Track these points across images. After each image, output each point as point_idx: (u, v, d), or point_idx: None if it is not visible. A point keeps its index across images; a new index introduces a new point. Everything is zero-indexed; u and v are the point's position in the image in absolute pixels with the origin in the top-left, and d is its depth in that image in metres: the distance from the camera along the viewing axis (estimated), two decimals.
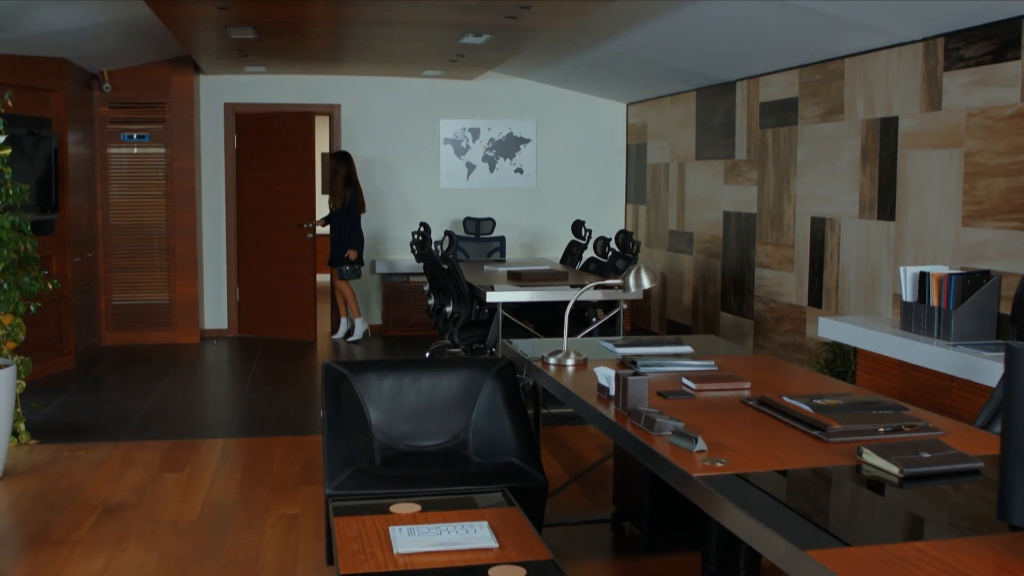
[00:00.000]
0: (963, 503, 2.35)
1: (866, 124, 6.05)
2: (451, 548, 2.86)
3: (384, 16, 6.26)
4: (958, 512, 2.31)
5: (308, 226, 9.59)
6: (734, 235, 7.93)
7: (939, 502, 2.33)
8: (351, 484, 3.61)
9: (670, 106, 9.21)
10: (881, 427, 2.81)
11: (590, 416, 3.33)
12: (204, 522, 4.51)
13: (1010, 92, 4.83)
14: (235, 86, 9.63)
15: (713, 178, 8.29)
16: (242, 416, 6.58)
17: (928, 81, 5.44)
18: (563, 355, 3.92)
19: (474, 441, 4.14)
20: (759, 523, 2.11)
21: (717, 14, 6.01)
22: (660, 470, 2.67)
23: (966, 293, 4.82)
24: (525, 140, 10.28)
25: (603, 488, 5.00)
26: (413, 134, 10.05)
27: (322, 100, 9.82)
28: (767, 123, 7.33)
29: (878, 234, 5.95)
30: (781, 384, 3.58)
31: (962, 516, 2.29)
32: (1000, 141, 4.91)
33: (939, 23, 5.20)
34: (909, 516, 2.27)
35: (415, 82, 9.94)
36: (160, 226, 9.31)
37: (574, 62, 8.59)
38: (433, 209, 10.04)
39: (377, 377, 4.20)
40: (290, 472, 5.27)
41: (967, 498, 2.38)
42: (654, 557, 4.08)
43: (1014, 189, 4.82)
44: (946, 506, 2.32)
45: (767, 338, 7.36)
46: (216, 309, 9.83)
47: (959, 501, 2.35)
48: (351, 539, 2.98)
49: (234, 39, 6.97)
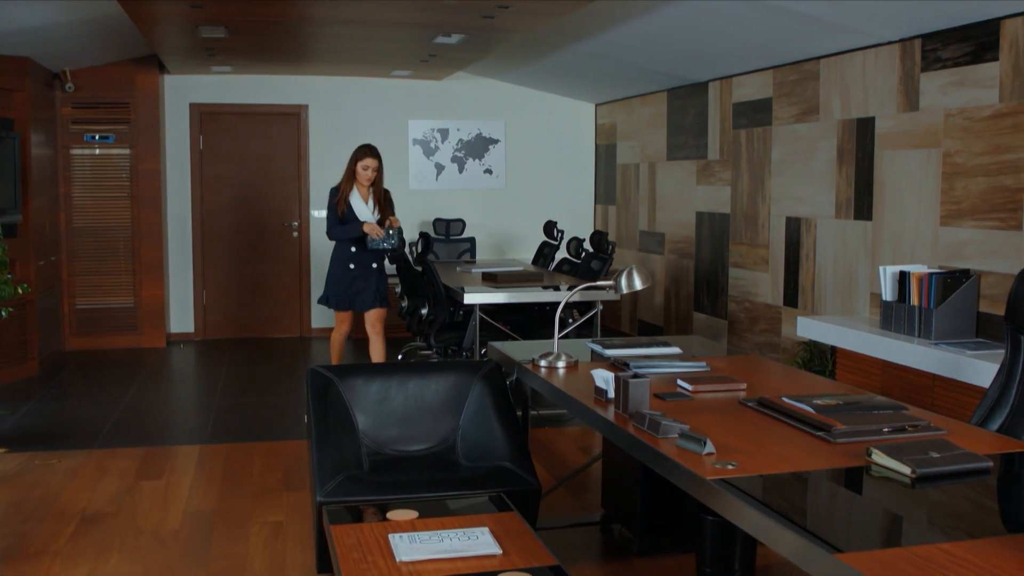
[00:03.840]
0: (979, 503, 2.36)
1: (842, 124, 6.08)
2: (455, 555, 2.82)
3: (361, 16, 6.19)
4: (975, 512, 2.31)
5: (293, 225, 9.70)
6: (707, 235, 7.95)
7: (955, 502, 2.33)
8: (343, 491, 3.56)
9: (640, 106, 9.22)
10: (885, 427, 2.81)
11: (588, 418, 3.30)
12: (187, 530, 4.42)
13: (988, 93, 4.88)
14: (201, 86, 9.49)
15: (685, 178, 8.30)
16: (217, 421, 6.48)
17: (905, 82, 5.48)
18: (554, 357, 3.90)
19: (463, 445, 4.10)
20: (783, 527, 2.09)
21: (690, 15, 6.02)
22: (668, 473, 2.65)
23: (946, 292, 4.86)
24: (494, 141, 10.25)
25: (588, 490, 4.98)
26: (381, 135, 9.94)
27: (289, 100, 9.72)
28: (741, 123, 7.35)
29: (855, 234, 5.99)
30: (776, 384, 3.58)
31: (981, 516, 2.29)
32: (979, 141, 4.95)
33: (916, 24, 5.24)
34: (928, 517, 2.27)
35: (384, 82, 9.86)
36: (125, 228, 9.16)
37: (544, 63, 8.57)
38: (402, 210, 9.91)
39: (364, 381, 4.15)
40: (271, 478, 5.19)
41: (982, 497, 2.38)
42: (647, 560, 4.06)
43: (993, 189, 4.87)
44: (962, 506, 2.32)
45: (742, 338, 7.38)
46: (182, 312, 9.69)
47: (975, 501, 2.35)
48: (351, 547, 2.92)
49: (204, 38, 6.86)
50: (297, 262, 9.90)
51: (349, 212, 6.59)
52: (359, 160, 6.58)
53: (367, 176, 6.58)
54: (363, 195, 6.63)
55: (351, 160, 6.63)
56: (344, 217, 6.61)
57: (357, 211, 6.58)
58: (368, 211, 6.61)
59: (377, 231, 6.52)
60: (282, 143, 9.80)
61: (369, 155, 6.58)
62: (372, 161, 6.57)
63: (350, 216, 6.61)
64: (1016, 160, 4.71)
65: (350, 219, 6.61)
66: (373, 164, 6.57)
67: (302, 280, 9.90)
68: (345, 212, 6.60)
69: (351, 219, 6.60)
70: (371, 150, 6.60)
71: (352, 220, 6.59)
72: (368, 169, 6.57)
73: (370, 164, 6.57)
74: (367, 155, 6.58)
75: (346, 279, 6.68)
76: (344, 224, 6.61)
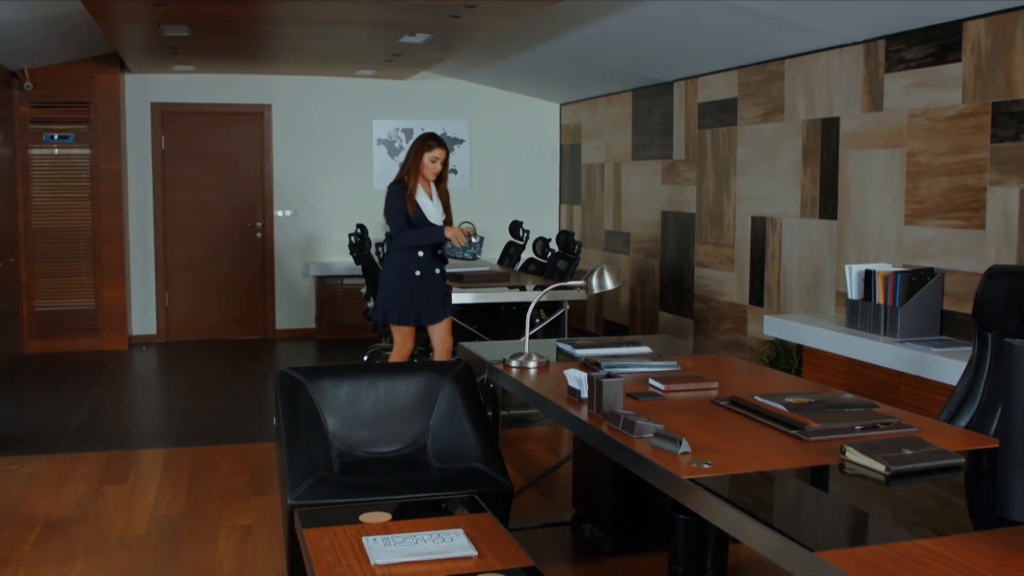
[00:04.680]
0: (953, 499, 2.38)
1: (807, 124, 6.13)
2: (430, 557, 2.80)
3: (326, 15, 6.15)
4: (950, 508, 2.33)
5: (257, 225, 9.66)
6: (673, 235, 7.98)
7: (929, 499, 2.35)
8: (313, 493, 3.53)
9: (605, 106, 9.24)
10: (857, 425, 2.83)
11: (561, 419, 3.30)
12: (154, 536, 4.37)
13: (951, 94, 4.93)
14: (163, 85, 9.39)
15: (650, 178, 8.33)
16: (182, 424, 6.41)
17: (869, 82, 5.53)
18: (525, 357, 3.89)
19: (434, 446, 4.08)
20: (762, 525, 2.10)
21: (656, 15, 6.04)
22: (644, 472, 2.65)
23: (911, 290, 4.91)
24: (459, 140, 10.22)
25: (558, 490, 4.98)
26: (345, 135, 9.92)
27: (253, 100, 9.64)
28: (706, 123, 7.39)
29: (820, 233, 6.04)
30: (746, 383, 3.60)
31: (955, 512, 2.31)
32: (942, 141, 5.01)
33: (880, 25, 5.29)
34: (903, 514, 2.29)
35: (348, 82, 9.81)
36: (85, 229, 9.03)
37: (509, 62, 8.57)
38: (367, 210, 9.90)
39: (333, 383, 4.12)
40: (238, 482, 5.14)
41: (955, 494, 2.40)
42: (619, 559, 4.06)
43: (956, 188, 4.93)
44: (937, 503, 2.34)
45: (708, 337, 7.42)
46: (144, 314, 9.57)
47: (948, 497, 2.38)
48: (324, 551, 2.90)
49: (166, 37, 6.78)
50: (261, 263, 9.82)
51: (417, 213, 5.73)
52: (427, 151, 5.70)
53: (434, 170, 5.73)
54: (427, 192, 5.78)
55: (415, 151, 5.75)
56: (413, 219, 5.72)
57: (426, 212, 5.73)
58: (437, 212, 5.80)
59: (460, 237, 5.75)
60: (245, 143, 9.72)
61: (439, 145, 5.73)
62: (442, 152, 5.73)
63: (419, 218, 5.73)
64: (979, 160, 4.77)
65: (419, 221, 5.73)
66: (443, 156, 5.73)
67: (266, 281, 9.82)
68: (413, 213, 5.73)
69: (420, 221, 5.73)
70: (439, 140, 5.77)
71: (421, 223, 5.73)
72: (437, 162, 5.72)
73: (439, 156, 5.72)
74: (437, 145, 5.73)
75: (410, 288, 5.78)
76: (413, 227, 5.72)
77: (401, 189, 5.70)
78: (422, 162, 5.70)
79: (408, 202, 5.68)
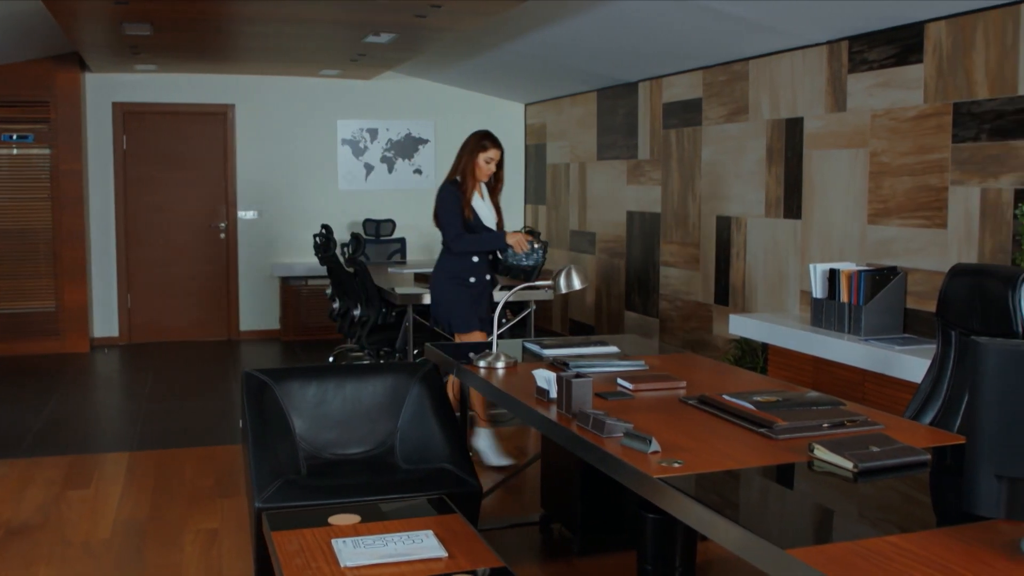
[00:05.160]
0: (920, 495, 2.40)
1: (771, 124, 6.17)
2: (400, 559, 2.79)
3: (290, 14, 6.11)
4: (917, 505, 2.35)
5: (221, 226, 9.61)
6: (638, 235, 8.01)
7: (897, 496, 2.37)
8: (281, 496, 3.50)
9: (570, 106, 9.26)
10: (824, 423, 2.85)
11: (529, 419, 3.30)
12: (118, 540, 4.31)
13: (913, 94, 4.99)
14: (124, 85, 9.28)
15: (615, 178, 8.36)
16: (145, 428, 6.34)
17: (833, 83, 5.58)
18: (493, 357, 3.88)
19: (402, 447, 4.07)
20: (733, 524, 2.11)
21: (621, 15, 6.05)
22: (614, 472, 2.65)
23: (875, 289, 4.96)
24: (424, 141, 10.20)
25: (526, 490, 4.98)
26: (310, 135, 9.86)
27: (216, 100, 9.55)
28: (671, 123, 7.42)
29: (785, 232, 6.08)
30: (713, 382, 3.62)
31: (923, 508, 2.33)
32: (904, 141, 5.07)
33: (843, 26, 5.34)
34: (872, 511, 2.31)
35: (312, 82, 9.76)
36: (45, 230, 8.92)
37: (474, 62, 8.56)
38: (331, 211, 9.88)
39: (300, 384, 4.09)
40: (204, 485, 5.09)
41: (922, 490, 2.42)
42: (587, 559, 4.07)
43: (918, 188, 4.98)
44: (905, 499, 2.36)
45: (673, 336, 7.45)
46: (106, 316, 9.46)
47: (916, 493, 2.40)
48: (293, 554, 2.88)
49: (128, 35, 6.70)
50: (225, 264, 9.74)
51: (475, 218, 5.34)
52: (481, 152, 5.27)
53: (489, 172, 5.31)
54: (480, 194, 5.38)
55: (468, 150, 5.31)
56: (471, 224, 5.33)
57: (482, 216, 5.35)
58: (491, 215, 5.41)
59: (523, 243, 5.34)
60: (208, 143, 9.64)
61: (494, 145, 5.29)
62: (497, 152, 5.30)
63: (476, 223, 5.34)
64: (940, 160, 4.83)
65: (476, 227, 5.34)
66: (497, 156, 5.31)
67: (230, 282, 9.75)
68: (473, 218, 5.33)
69: (477, 227, 5.34)
70: (494, 139, 5.32)
71: (478, 228, 5.35)
72: (492, 163, 5.29)
73: (494, 156, 5.29)
74: (492, 145, 5.29)
75: (469, 296, 5.40)
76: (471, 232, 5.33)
77: (456, 192, 5.28)
78: (476, 163, 5.27)
79: (465, 206, 5.28)
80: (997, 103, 4.50)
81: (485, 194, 5.40)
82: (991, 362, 1.97)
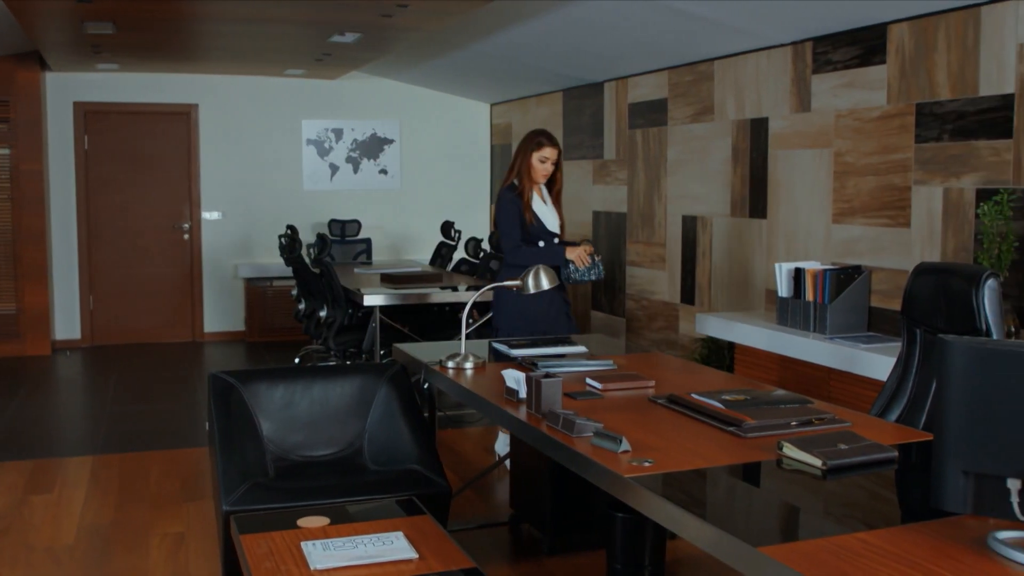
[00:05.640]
0: (888, 492, 2.43)
1: (736, 125, 6.21)
2: (370, 561, 2.78)
3: (255, 14, 6.07)
4: (886, 501, 2.38)
5: (184, 227, 9.54)
6: (604, 234, 8.03)
7: (865, 492, 2.39)
8: (249, 499, 3.48)
9: (535, 106, 9.26)
10: (793, 421, 2.88)
11: (499, 419, 3.30)
12: (83, 545, 4.26)
13: (877, 95, 5.04)
14: (86, 84, 9.17)
15: (581, 178, 8.37)
16: (109, 431, 6.26)
17: (797, 83, 5.63)
18: (461, 358, 3.87)
19: (370, 449, 4.06)
20: (705, 522, 2.12)
21: (586, 15, 6.06)
22: (584, 472, 2.66)
23: (840, 287, 5.00)
24: (389, 141, 10.17)
25: (494, 490, 4.98)
26: (274, 135, 9.80)
27: (179, 99, 9.46)
28: (636, 123, 7.45)
29: (750, 232, 6.12)
30: (681, 381, 3.63)
31: (891, 505, 2.36)
32: (868, 141, 5.12)
33: (808, 27, 5.38)
34: (843, 508, 2.33)
35: (276, 81, 9.69)
36: (5, 231, 8.80)
37: (439, 62, 8.54)
38: (296, 211, 9.82)
39: (267, 386, 4.07)
40: (170, 488, 5.04)
41: (891, 487, 2.45)
42: (557, 558, 4.07)
43: (882, 187, 5.03)
44: (873, 496, 2.39)
45: (640, 335, 7.48)
46: (68, 318, 9.34)
47: (884, 490, 2.43)
48: (262, 557, 2.85)
49: (90, 34, 6.62)
50: (189, 265, 9.65)
51: (536, 222, 5.01)
52: (536, 151, 4.96)
53: (545, 172, 5.00)
54: (541, 196, 5.05)
55: (522, 150, 5.01)
56: (532, 229, 4.99)
57: (544, 220, 5.02)
58: (554, 218, 5.08)
59: (584, 258, 4.99)
60: (172, 143, 9.55)
61: (549, 143, 4.98)
62: (552, 151, 4.97)
63: (538, 228, 5.01)
64: (903, 160, 4.88)
65: (538, 232, 5.01)
66: (553, 155, 4.98)
67: (194, 283, 9.66)
68: (533, 223, 5.00)
69: (539, 232, 5.01)
70: (550, 137, 5.01)
71: (540, 234, 5.01)
72: (547, 162, 4.98)
73: (550, 155, 4.97)
74: (547, 143, 4.97)
75: (534, 308, 5.02)
76: (531, 242, 4.99)
77: (514, 197, 4.97)
78: (531, 164, 4.97)
79: (527, 211, 4.96)
80: (959, 104, 4.55)
81: (547, 197, 5.07)
82: (958, 360, 1.99)
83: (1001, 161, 4.35)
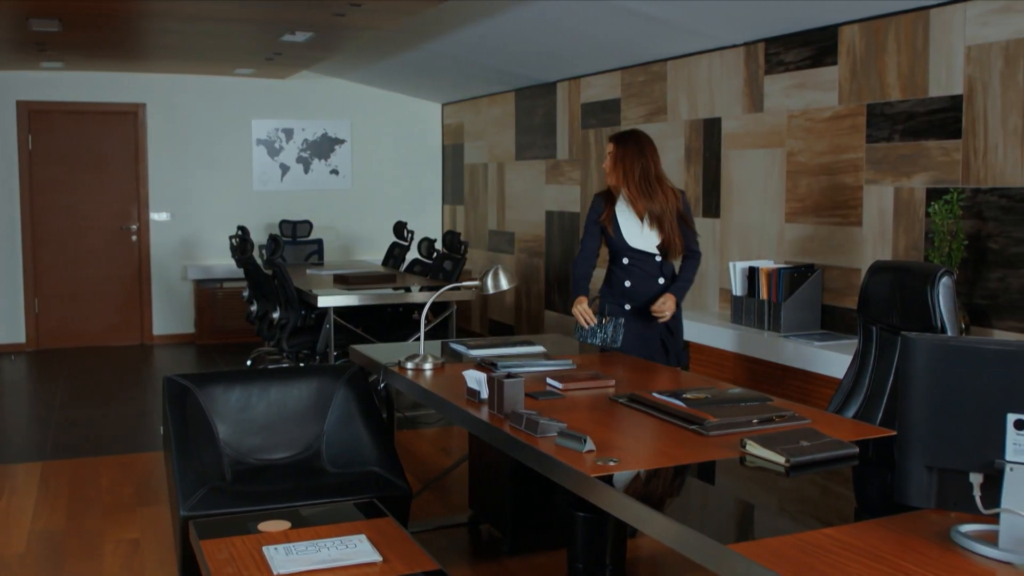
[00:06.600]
0: (850, 487, 2.46)
1: (690, 125, 6.26)
2: (334, 565, 2.75)
3: (204, 12, 5.99)
4: (849, 497, 2.41)
5: (132, 228, 9.40)
6: (557, 234, 8.04)
7: (828, 488, 2.42)
8: (207, 504, 3.43)
9: (487, 107, 9.25)
10: (754, 418, 2.90)
11: (460, 420, 3.28)
12: (34, 553, 4.17)
13: (828, 95, 5.10)
14: (29, 83, 8.99)
15: (534, 178, 8.38)
16: (58, 436, 6.14)
17: (750, 84, 5.68)
18: (420, 359, 3.86)
19: (328, 451, 4.02)
20: (673, 520, 2.12)
21: (539, 15, 6.07)
22: (549, 472, 2.66)
23: (793, 286, 5.06)
24: (340, 141, 10.10)
25: (452, 491, 4.96)
26: (224, 135, 9.68)
27: (126, 99, 9.31)
28: (589, 123, 7.47)
29: (704, 231, 6.16)
30: (640, 379, 3.65)
31: (854, 500, 2.39)
32: (820, 141, 5.18)
33: (760, 28, 5.43)
34: (808, 504, 2.35)
35: (225, 81, 9.58)
36: None
37: (390, 62, 8.50)
38: (247, 212, 9.71)
39: (224, 389, 4.02)
40: (123, 494, 4.95)
41: (852, 482, 2.48)
42: (517, 558, 4.07)
43: (834, 187, 5.10)
44: (836, 492, 2.41)
45: None
46: (12, 322, 9.15)
47: (846, 486, 2.45)
48: (223, 563, 2.82)
49: (34, 32, 6.50)
50: (137, 267, 9.51)
51: (615, 232, 4.35)
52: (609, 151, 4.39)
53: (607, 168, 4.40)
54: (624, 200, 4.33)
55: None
56: (611, 239, 4.36)
57: (624, 230, 4.32)
58: (637, 229, 4.32)
59: (582, 318, 4.31)
60: (118, 143, 9.39)
61: (609, 138, 4.42)
62: (608, 145, 4.40)
63: (616, 240, 4.35)
64: (855, 159, 4.95)
65: (616, 245, 4.36)
66: (608, 149, 4.39)
67: (142, 285, 9.51)
68: (613, 232, 4.35)
69: (617, 245, 4.35)
70: (613, 135, 4.42)
71: (619, 246, 4.35)
72: (607, 158, 4.41)
73: (607, 149, 4.40)
74: (609, 139, 4.41)
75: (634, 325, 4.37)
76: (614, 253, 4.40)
77: (598, 199, 4.43)
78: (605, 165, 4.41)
79: (606, 217, 4.34)
80: (909, 104, 4.63)
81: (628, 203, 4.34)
82: (921, 356, 2.02)
83: (950, 161, 4.43)
